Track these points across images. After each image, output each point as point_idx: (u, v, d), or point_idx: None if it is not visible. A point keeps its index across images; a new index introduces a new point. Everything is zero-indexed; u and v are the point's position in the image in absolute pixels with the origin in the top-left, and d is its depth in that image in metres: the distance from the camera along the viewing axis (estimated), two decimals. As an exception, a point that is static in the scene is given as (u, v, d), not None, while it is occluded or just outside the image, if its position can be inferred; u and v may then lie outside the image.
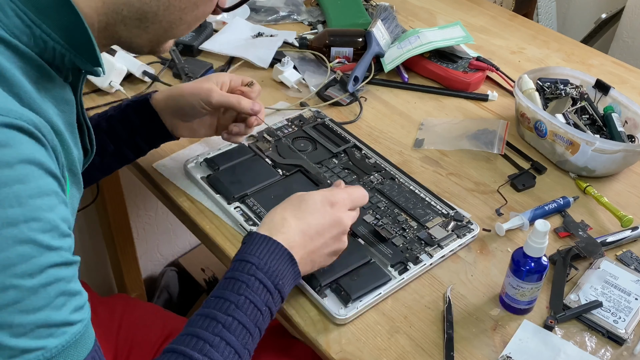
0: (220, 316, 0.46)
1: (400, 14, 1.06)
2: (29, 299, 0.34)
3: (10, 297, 0.34)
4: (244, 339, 0.46)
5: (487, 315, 0.57)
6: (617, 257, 0.63)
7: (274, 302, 0.49)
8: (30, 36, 0.38)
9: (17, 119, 0.34)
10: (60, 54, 0.41)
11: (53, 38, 0.39)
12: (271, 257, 0.49)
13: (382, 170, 0.71)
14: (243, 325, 0.46)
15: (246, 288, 0.47)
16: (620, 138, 0.73)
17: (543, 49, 1.00)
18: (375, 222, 0.64)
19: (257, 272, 0.48)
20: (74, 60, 0.42)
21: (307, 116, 0.79)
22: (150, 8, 0.43)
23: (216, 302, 0.47)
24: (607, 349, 0.54)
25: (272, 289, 0.48)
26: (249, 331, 0.46)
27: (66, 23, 0.39)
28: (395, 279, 0.58)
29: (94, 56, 0.42)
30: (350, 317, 0.55)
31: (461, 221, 0.65)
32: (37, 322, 0.35)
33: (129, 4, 0.42)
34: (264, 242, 0.50)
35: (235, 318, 0.46)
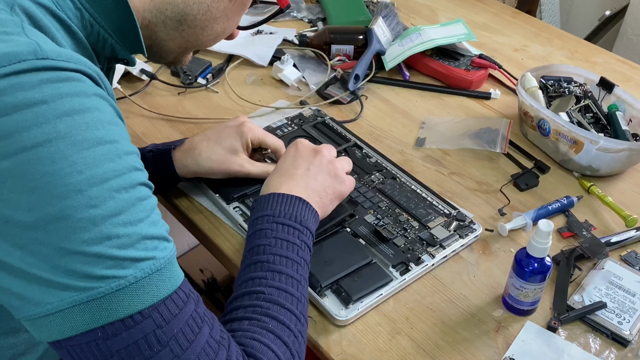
0: (261, 257, 0.48)
1: (402, 11, 1.06)
2: (129, 210, 0.37)
3: (110, 208, 0.36)
4: (292, 267, 0.49)
5: (490, 317, 0.57)
6: (622, 258, 0.63)
7: (305, 236, 0.52)
8: (80, 18, 0.42)
9: (87, 67, 0.38)
10: (103, 38, 0.44)
11: (99, 22, 0.43)
12: (283, 206, 0.52)
13: (384, 170, 0.70)
14: (286, 257, 0.49)
15: (272, 232, 0.50)
16: (625, 137, 0.73)
17: (546, 46, 0.99)
18: (377, 222, 0.63)
19: (276, 219, 0.51)
20: (114, 46, 0.46)
21: (307, 115, 0.79)
22: (192, 11, 0.47)
23: (251, 253, 0.49)
24: (612, 351, 0.54)
25: (298, 225, 0.51)
26: (294, 260, 0.49)
27: (114, 9, 0.43)
28: (397, 279, 0.58)
29: (137, 42, 0.46)
30: (351, 318, 0.55)
31: (463, 221, 0.64)
32: (141, 234, 0.37)
33: (174, 5, 0.46)
34: (271, 198, 0.53)
35: (275, 254, 0.49)
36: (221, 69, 0.89)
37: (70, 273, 0.35)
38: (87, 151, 0.35)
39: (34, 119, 0.34)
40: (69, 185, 0.34)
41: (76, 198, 0.35)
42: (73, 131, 0.35)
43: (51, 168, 0.34)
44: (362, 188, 0.68)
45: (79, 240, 0.35)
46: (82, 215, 0.35)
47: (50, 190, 0.34)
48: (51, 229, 0.34)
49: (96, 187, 0.35)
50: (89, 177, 0.35)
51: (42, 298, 0.35)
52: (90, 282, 0.35)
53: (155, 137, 0.77)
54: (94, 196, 0.35)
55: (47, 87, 0.34)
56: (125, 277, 0.36)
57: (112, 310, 0.36)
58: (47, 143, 0.34)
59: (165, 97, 0.84)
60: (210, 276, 1.16)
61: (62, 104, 0.35)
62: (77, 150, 0.35)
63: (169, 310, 0.38)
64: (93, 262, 0.35)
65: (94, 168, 0.35)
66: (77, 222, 0.35)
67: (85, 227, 0.35)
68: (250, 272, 0.48)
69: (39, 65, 0.35)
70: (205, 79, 0.86)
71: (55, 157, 0.34)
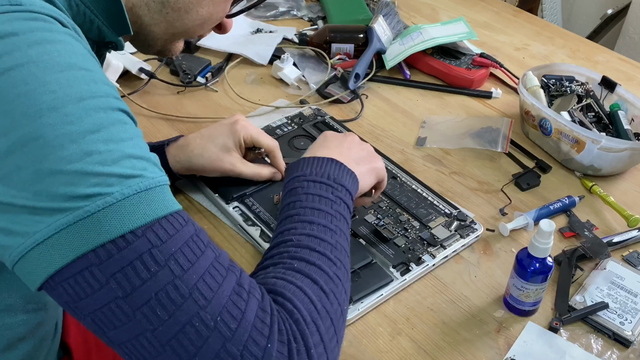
0: (290, 212, 0.48)
1: (402, 10, 1.05)
2: (109, 128, 0.35)
3: (88, 124, 0.34)
4: (325, 218, 0.47)
5: (491, 317, 0.56)
6: (624, 258, 0.62)
7: (339, 192, 0.51)
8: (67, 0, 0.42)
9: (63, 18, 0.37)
10: (89, 19, 0.43)
11: (85, 3, 0.42)
12: (316, 166, 0.52)
13: None
14: (318, 210, 0.48)
15: (303, 189, 0.50)
16: (627, 136, 0.72)
17: (548, 45, 0.99)
18: (377, 222, 0.63)
19: (307, 177, 0.51)
20: (101, 28, 0.45)
21: (307, 114, 0.78)
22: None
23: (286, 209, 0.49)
24: (614, 352, 0.54)
25: (331, 182, 0.50)
26: (327, 212, 0.48)
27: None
28: (397, 280, 0.57)
29: (123, 22, 0.45)
30: (351, 319, 0.54)
31: (464, 221, 0.64)
32: (125, 152, 0.35)
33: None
34: (305, 162, 0.53)
35: (306, 207, 0.48)
36: (220, 67, 0.88)
37: (53, 195, 0.33)
38: (60, 74, 0.35)
39: (4, 47, 0.34)
40: (42, 104, 0.34)
41: (50, 115, 0.34)
42: (45, 56, 0.35)
43: (23, 89, 0.34)
44: None
45: (57, 159, 0.33)
46: (57, 132, 0.34)
47: (23, 111, 0.33)
48: (27, 151, 0.33)
49: (71, 104, 0.34)
50: (62, 95, 0.34)
51: (28, 227, 0.34)
52: (75, 202, 0.34)
53: (154, 136, 0.76)
54: (69, 113, 0.34)
55: (18, 22, 0.35)
56: (112, 193, 0.34)
57: (101, 230, 0.34)
58: (19, 67, 0.34)
59: (164, 96, 0.83)
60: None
61: (33, 35, 0.35)
62: (50, 72, 0.34)
63: (164, 229, 0.35)
64: (75, 181, 0.34)
65: (67, 88, 0.35)
66: (53, 140, 0.33)
67: (62, 144, 0.34)
68: (280, 227, 0.47)
69: (12, 9, 0.35)
70: (205, 78, 0.86)
71: (27, 79, 0.34)
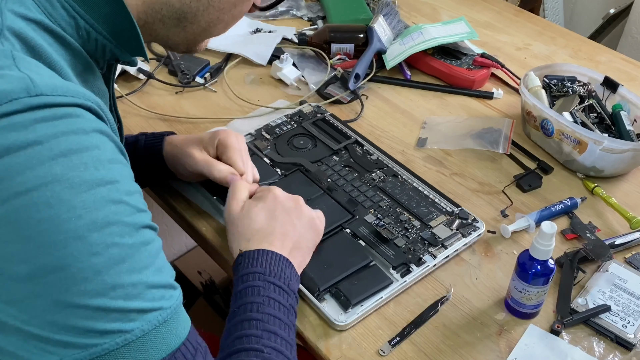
0: (254, 315, 0.46)
1: (403, 10, 1.05)
2: (134, 257, 0.34)
3: (114, 255, 0.33)
4: (285, 330, 0.47)
5: (492, 320, 0.56)
6: (626, 260, 0.62)
7: (292, 299, 0.50)
8: (75, 27, 0.39)
9: (86, 100, 0.35)
10: (101, 45, 0.42)
11: (96, 29, 0.40)
12: (273, 264, 0.50)
13: (384, 167, 0.70)
14: (279, 320, 0.47)
15: (266, 290, 0.48)
16: (630, 137, 0.72)
17: (550, 45, 0.98)
18: (377, 222, 0.62)
19: (267, 277, 0.49)
20: (115, 51, 0.43)
21: (306, 111, 0.78)
22: (190, 9, 0.43)
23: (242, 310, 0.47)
24: (616, 355, 0.53)
25: (286, 288, 0.49)
26: (286, 323, 0.47)
27: (110, 14, 0.40)
28: (397, 281, 0.57)
29: (138, 45, 0.43)
30: (351, 322, 0.54)
31: (466, 219, 0.63)
32: (147, 282, 0.35)
33: (169, 4, 0.43)
34: (259, 254, 0.51)
35: (269, 314, 0.47)
36: (219, 67, 0.88)
37: (70, 329, 0.32)
38: (86, 194, 0.33)
39: (27, 161, 0.31)
40: (67, 232, 0.32)
41: (75, 245, 0.32)
42: (70, 173, 0.32)
43: (47, 214, 0.31)
44: (363, 187, 0.67)
45: (80, 292, 0.32)
46: (83, 265, 0.32)
47: (47, 238, 0.31)
48: (49, 281, 0.32)
49: (97, 232, 0.33)
50: (89, 222, 0.32)
51: (37, 357, 0.33)
52: (93, 339, 0.32)
53: (153, 137, 0.76)
54: (95, 243, 0.32)
55: (41, 126, 0.32)
56: (132, 330, 0.33)
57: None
58: (43, 187, 0.31)
59: (162, 96, 0.83)
60: (209, 278, 1.15)
61: (58, 144, 0.32)
62: (76, 193, 0.32)
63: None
64: (96, 316, 0.32)
65: (94, 212, 0.33)
66: (78, 272, 0.32)
67: (87, 277, 0.32)
68: (244, 329, 0.45)
69: (32, 104, 0.32)
70: (203, 78, 0.85)
71: (51, 201, 0.31)
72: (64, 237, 0.32)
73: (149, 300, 0.35)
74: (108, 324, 0.33)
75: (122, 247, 0.34)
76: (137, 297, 0.34)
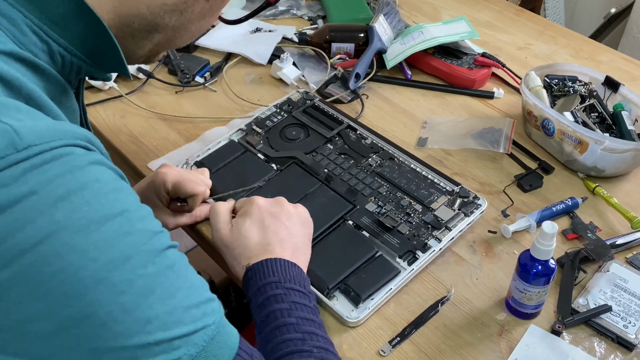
0: (287, 320, 0.45)
1: (403, 9, 1.05)
2: (162, 284, 0.32)
3: (141, 288, 0.31)
4: (321, 329, 0.46)
5: (493, 320, 0.56)
6: (627, 260, 0.62)
7: (314, 300, 0.50)
8: (48, 53, 0.37)
9: (75, 139, 0.33)
10: (77, 66, 0.40)
11: (71, 52, 0.38)
12: (283, 271, 0.50)
13: (380, 151, 0.69)
14: (312, 320, 0.46)
15: (288, 297, 0.47)
16: (631, 137, 0.72)
17: (550, 44, 0.98)
18: (378, 210, 0.62)
19: (284, 284, 0.48)
20: (91, 71, 0.41)
21: (295, 99, 0.77)
22: (162, 20, 0.41)
23: (271, 318, 0.46)
24: (617, 355, 0.53)
25: (305, 290, 0.49)
26: (319, 322, 0.47)
27: (86, 33, 0.38)
28: (405, 270, 0.56)
29: (119, 62, 0.41)
30: (363, 318, 0.54)
31: (467, 197, 0.63)
32: (183, 305, 0.33)
33: (141, 16, 0.40)
34: (268, 264, 0.50)
35: (300, 317, 0.46)
36: (219, 67, 0.88)
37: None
38: (96, 234, 0.30)
39: (26, 215, 0.29)
40: (85, 279, 0.30)
41: (98, 290, 0.30)
42: (74, 216, 0.30)
43: (60, 265, 0.29)
44: (361, 174, 0.66)
45: (115, 335, 0.30)
46: (110, 307, 0.30)
47: (65, 289, 0.29)
48: (77, 333, 0.30)
49: (117, 271, 0.31)
50: (106, 262, 0.30)
51: None
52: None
53: (152, 136, 0.76)
54: (118, 282, 0.30)
55: (32, 175, 0.29)
56: (179, 358, 0.32)
57: None
58: (48, 238, 0.29)
59: (162, 96, 0.83)
60: (208, 279, 1.14)
61: (55, 189, 0.30)
62: (85, 236, 0.30)
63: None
64: (137, 355, 0.31)
65: (109, 250, 0.31)
66: (107, 316, 0.30)
67: (117, 319, 0.30)
68: (283, 334, 0.44)
69: (19, 158, 0.30)
70: (203, 78, 0.85)
71: (61, 251, 0.29)
72: (82, 285, 0.30)
73: (190, 323, 0.33)
74: (152, 358, 0.31)
75: (148, 278, 0.32)
76: (177, 324, 0.32)
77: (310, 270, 0.55)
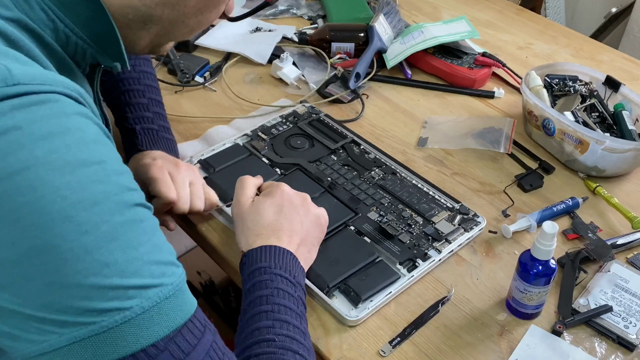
0: (264, 307, 0.46)
1: (403, 8, 1.04)
2: (126, 234, 0.33)
3: (104, 233, 0.32)
4: (296, 319, 0.47)
5: (493, 320, 0.56)
6: (628, 260, 0.62)
7: (300, 292, 0.50)
8: (54, 30, 0.39)
9: (65, 88, 0.34)
10: (82, 48, 0.41)
11: (76, 33, 0.40)
12: (277, 259, 0.50)
13: (383, 165, 0.70)
14: (289, 309, 0.47)
15: (272, 282, 0.48)
16: (631, 136, 0.71)
17: (551, 44, 0.98)
18: (380, 218, 0.63)
19: (273, 269, 0.49)
20: (96, 55, 0.43)
21: (301, 112, 0.78)
22: (155, 12, 0.43)
23: (252, 305, 0.47)
24: (618, 355, 0.53)
25: (293, 280, 0.50)
26: (296, 312, 0.47)
27: (91, 18, 0.40)
28: (405, 276, 0.57)
29: (118, 51, 0.43)
30: (362, 318, 0.54)
31: (467, 214, 0.63)
32: (143, 259, 0.34)
33: (135, 8, 0.42)
34: (265, 250, 0.51)
35: (279, 304, 0.47)
36: (219, 67, 0.87)
37: (66, 309, 0.32)
38: (70, 175, 0.32)
39: (7, 146, 0.31)
40: (53, 212, 0.31)
41: (63, 226, 0.31)
42: (53, 155, 0.32)
43: (32, 197, 0.31)
44: (363, 185, 0.67)
45: (72, 272, 0.31)
46: (72, 244, 0.31)
47: (32, 220, 0.31)
48: (38, 263, 0.31)
49: (85, 211, 0.32)
50: (75, 201, 0.32)
51: (36, 336, 0.32)
52: (91, 317, 0.32)
53: (152, 136, 0.76)
54: (83, 221, 0.32)
55: (19, 112, 0.31)
56: (131, 307, 0.33)
57: (119, 344, 0.32)
58: (25, 170, 0.31)
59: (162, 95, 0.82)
60: (208, 279, 1.15)
61: (38, 128, 0.32)
62: (60, 174, 0.32)
63: (186, 340, 0.35)
64: (91, 295, 0.32)
65: (80, 192, 0.32)
66: (67, 252, 0.31)
67: (77, 256, 0.31)
68: (255, 322, 0.45)
69: (9, 93, 0.31)
70: (203, 77, 0.85)
71: (35, 184, 0.31)
72: (49, 217, 0.31)
73: (147, 277, 0.34)
74: (105, 302, 0.32)
75: (113, 225, 0.33)
76: (134, 274, 0.33)
77: (311, 269, 0.55)
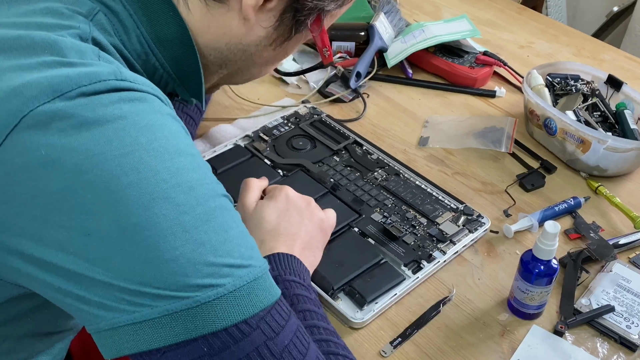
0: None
1: (404, 7, 1.04)
2: (219, 218, 0.35)
3: (200, 214, 0.35)
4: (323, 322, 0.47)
5: (495, 321, 0.56)
6: (630, 260, 0.61)
7: (315, 293, 0.50)
8: (145, 61, 0.42)
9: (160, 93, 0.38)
10: (165, 80, 0.45)
11: (164, 67, 0.43)
12: (283, 264, 0.50)
13: (386, 167, 0.70)
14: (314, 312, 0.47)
15: (287, 290, 0.48)
16: (633, 136, 0.71)
17: (553, 43, 0.97)
18: (384, 220, 0.62)
19: (285, 276, 0.49)
20: (176, 89, 0.46)
21: (303, 113, 0.77)
22: (234, 57, 0.45)
23: None
24: (620, 355, 0.53)
25: (305, 283, 0.50)
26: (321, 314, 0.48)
27: (181, 57, 0.43)
28: (410, 278, 0.57)
29: (198, 89, 0.46)
30: (367, 320, 0.54)
31: (471, 215, 0.63)
32: (235, 241, 0.36)
33: (218, 50, 0.45)
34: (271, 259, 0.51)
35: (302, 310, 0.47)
36: (221, 66, 0.87)
37: (162, 283, 0.33)
38: (169, 162, 0.35)
39: (114, 133, 0.34)
40: (154, 193, 0.33)
41: (164, 205, 0.33)
42: (154, 143, 0.35)
43: (135, 177, 0.33)
44: (366, 186, 0.67)
45: (170, 248, 0.33)
46: (172, 222, 0.33)
47: (136, 200, 0.33)
48: (138, 239, 0.33)
49: (183, 194, 0.34)
50: (174, 184, 0.34)
51: (126, 306, 0.33)
52: (185, 292, 0.33)
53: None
54: (182, 203, 0.34)
55: (125, 104, 0.35)
56: (224, 285, 0.34)
57: (211, 319, 0.34)
58: (130, 154, 0.34)
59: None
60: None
61: (141, 119, 0.35)
62: (160, 160, 0.34)
63: (275, 320, 0.36)
64: (187, 271, 0.33)
65: (178, 176, 0.35)
66: (167, 229, 0.33)
67: (176, 234, 0.33)
68: None
69: (117, 86, 0.35)
70: (205, 77, 0.85)
71: (138, 167, 0.34)
72: (151, 197, 0.33)
73: (238, 258, 0.35)
74: (200, 279, 0.33)
75: (207, 208, 0.35)
76: (227, 254, 0.35)
77: (315, 271, 0.55)
